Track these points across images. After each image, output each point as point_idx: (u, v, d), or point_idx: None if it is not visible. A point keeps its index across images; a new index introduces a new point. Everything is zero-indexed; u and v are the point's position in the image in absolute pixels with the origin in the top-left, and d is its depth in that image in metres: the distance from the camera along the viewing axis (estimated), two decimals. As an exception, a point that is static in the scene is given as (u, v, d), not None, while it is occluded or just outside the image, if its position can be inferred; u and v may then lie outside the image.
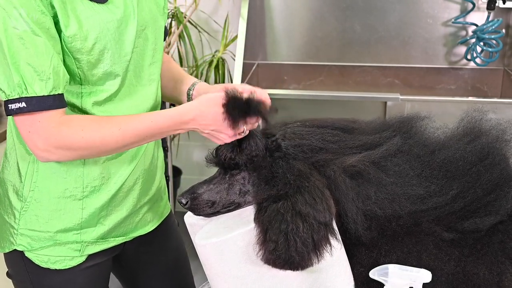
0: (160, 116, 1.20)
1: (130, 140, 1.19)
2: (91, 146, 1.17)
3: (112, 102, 1.26)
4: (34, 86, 1.11)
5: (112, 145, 1.18)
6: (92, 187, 1.29)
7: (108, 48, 1.20)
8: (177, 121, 1.19)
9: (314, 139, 1.16)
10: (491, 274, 1.10)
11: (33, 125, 1.13)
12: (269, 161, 1.15)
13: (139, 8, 1.25)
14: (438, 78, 2.97)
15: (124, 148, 1.22)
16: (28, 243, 1.30)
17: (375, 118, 1.28)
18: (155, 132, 1.20)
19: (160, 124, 1.19)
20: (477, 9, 2.83)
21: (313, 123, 1.21)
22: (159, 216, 1.50)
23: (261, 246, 1.05)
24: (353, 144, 1.17)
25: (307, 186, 1.07)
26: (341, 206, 1.10)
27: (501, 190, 1.14)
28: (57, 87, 1.13)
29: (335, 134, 1.18)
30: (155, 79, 1.34)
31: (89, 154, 1.19)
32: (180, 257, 1.59)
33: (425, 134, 1.22)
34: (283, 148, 1.16)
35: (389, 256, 1.12)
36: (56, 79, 1.12)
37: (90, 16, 1.16)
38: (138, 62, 1.28)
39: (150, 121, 1.19)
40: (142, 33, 1.27)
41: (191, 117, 1.18)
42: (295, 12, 2.97)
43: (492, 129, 1.21)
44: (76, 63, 1.18)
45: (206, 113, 1.17)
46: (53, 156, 1.17)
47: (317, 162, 1.13)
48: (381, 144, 1.16)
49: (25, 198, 1.29)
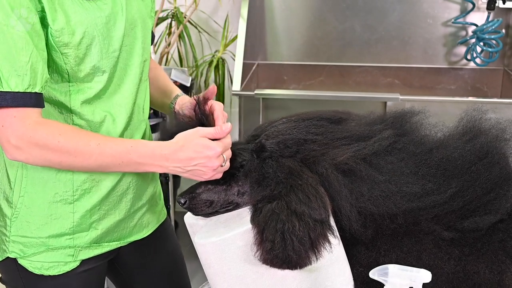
0: (141, 144, 1.18)
1: (105, 159, 1.16)
2: (65, 152, 1.14)
3: (100, 100, 1.25)
4: (9, 81, 1.09)
5: (87, 158, 1.15)
6: (82, 190, 1.28)
7: (96, 43, 1.19)
8: (157, 153, 1.16)
9: (298, 132, 1.15)
10: (492, 273, 1.10)
11: (7, 119, 1.11)
12: (257, 163, 1.15)
13: (127, 6, 1.26)
14: (438, 78, 2.98)
15: (98, 169, 1.18)
16: (21, 249, 1.29)
17: (369, 112, 1.27)
18: (132, 159, 1.16)
19: (140, 151, 1.16)
20: (477, 9, 2.83)
21: (298, 117, 1.20)
22: (155, 221, 1.49)
23: (258, 246, 1.05)
24: (341, 135, 1.15)
25: (300, 184, 1.07)
26: (335, 203, 1.10)
27: (500, 189, 1.14)
28: (33, 85, 1.11)
29: (321, 126, 1.17)
30: (144, 78, 1.34)
31: (60, 161, 1.16)
32: (177, 260, 1.58)
33: (421, 131, 1.22)
34: (267, 147, 1.15)
35: (388, 256, 1.11)
36: (33, 77, 1.11)
37: (78, 11, 1.16)
38: (127, 60, 1.28)
39: (130, 146, 1.17)
40: (131, 31, 1.28)
41: (171, 151, 1.15)
42: (295, 12, 2.97)
43: (491, 128, 1.21)
44: (63, 59, 1.17)
45: (186, 146, 1.15)
46: (22, 155, 1.14)
47: (306, 158, 1.12)
48: (371, 137, 1.15)
49: (15, 205, 1.28)
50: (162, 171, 1.19)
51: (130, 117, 1.31)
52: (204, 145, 1.15)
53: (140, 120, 1.36)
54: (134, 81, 1.31)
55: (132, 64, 1.30)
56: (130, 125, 1.32)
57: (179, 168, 1.16)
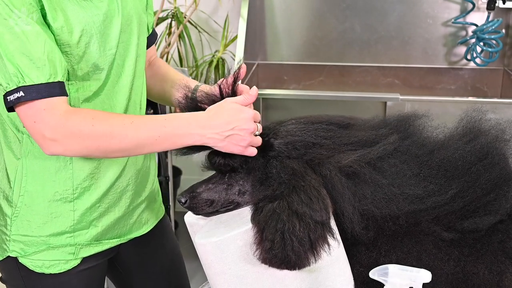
0: (174, 116, 1.16)
1: (141, 135, 1.14)
2: (100, 136, 1.12)
3: (99, 97, 1.25)
4: (30, 75, 1.09)
5: (123, 138, 1.13)
6: (82, 188, 1.28)
7: (94, 41, 1.20)
8: (192, 122, 1.14)
9: (307, 135, 1.15)
10: (491, 273, 1.10)
11: (37, 114, 1.10)
12: (262, 161, 1.15)
13: (123, 2, 1.26)
14: (438, 78, 2.98)
15: (136, 149, 1.16)
16: (21, 248, 1.30)
17: (373, 116, 1.28)
18: (168, 133, 1.13)
19: (174, 123, 1.14)
20: (477, 9, 2.83)
21: (307, 120, 1.20)
22: (154, 218, 1.49)
23: (258, 245, 1.05)
24: (348, 141, 1.15)
25: (302, 185, 1.07)
26: (338, 205, 1.10)
27: (500, 190, 1.14)
28: (54, 74, 1.11)
29: (330, 130, 1.17)
30: (139, 73, 1.34)
31: (98, 147, 1.14)
32: (175, 259, 1.59)
33: (423, 133, 1.22)
34: (275, 147, 1.15)
35: (388, 256, 1.11)
36: (52, 66, 1.11)
37: (75, 10, 1.17)
38: (124, 56, 1.28)
39: (164, 119, 1.15)
40: (127, 27, 1.28)
41: (206, 117, 1.14)
42: (295, 12, 2.97)
43: (491, 129, 1.21)
44: (64, 57, 1.17)
45: (220, 112, 1.14)
46: (60, 148, 1.13)
47: (311, 160, 1.12)
48: (377, 142, 1.16)
49: (15, 204, 1.28)
50: (201, 143, 1.14)
51: (125, 113, 1.31)
52: (237, 108, 1.14)
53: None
54: (131, 77, 1.31)
55: (129, 60, 1.30)
56: None
57: (217, 134, 1.13)
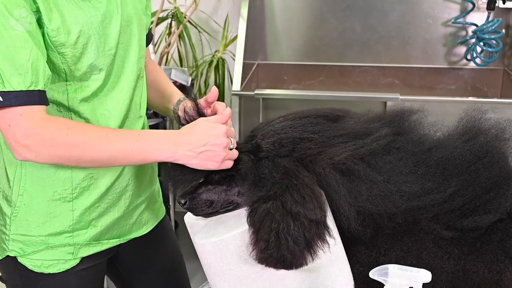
0: (149, 132, 1.18)
1: (114, 149, 1.15)
2: (73, 145, 1.13)
3: (98, 98, 1.25)
4: (11, 81, 1.09)
5: (96, 150, 1.14)
6: (81, 188, 1.29)
7: (92, 42, 1.20)
8: (164, 139, 1.16)
9: (293, 131, 1.15)
10: (491, 272, 1.10)
11: (13, 118, 1.10)
12: (252, 164, 1.15)
13: (122, 3, 1.26)
14: (438, 78, 2.98)
15: (108, 161, 1.17)
16: (20, 248, 1.30)
17: (367, 111, 1.27)
18: (140, 147, 1.15)
19: (147, 138, 1.16)
20: (477, 9, 2.83)
21: (295, 116, 1.20)
22: (154, 218, 1.49)
23: (253, 246, 1.05)
24: (338, 133, 1.15)
25: (295, 184, 1.07)
26: (333, 202, 1.10)
27: (500, 188, 1.14)
28: (36, 83, 1.11)
29: (317, 123, 1.17)
30: (141, 74, 1.35)
31: (69, 156, 1.14)
32: (176, 259, 1.59)
33: (420, 130, 1.22)
34: (263, 147, 1.15)
35: (388, 255, 1.11)
36: (35, 74, 1.11)
37: (73, 10, 1.16)
38: (124, 57, 1.28)
39: (138, 134, 1.17)
40: (127, 28, 1.28)
41: (179, 135, 1.16)
42: (295, 12, 2.97)
43: (491, 128, 1.21)
44: (60, 58, 1.17)
45: (193, 130, 1.17)
46: (31, 154, 1.13)
47: (303, 157, 1.12)
48: (368, 134, 1.15)
49: (15, 203, 1.28)
50: (173, 159, 1.16)
51: (126, 114, 1.31)
52: (209, 125, 1.16)
53: (137, 116, 1.36)
54: (131, 78, 1.31)
55: (129, 61, 1.30)
56: (126, 121, 1.32)
57: (190, 151, 1.15)
